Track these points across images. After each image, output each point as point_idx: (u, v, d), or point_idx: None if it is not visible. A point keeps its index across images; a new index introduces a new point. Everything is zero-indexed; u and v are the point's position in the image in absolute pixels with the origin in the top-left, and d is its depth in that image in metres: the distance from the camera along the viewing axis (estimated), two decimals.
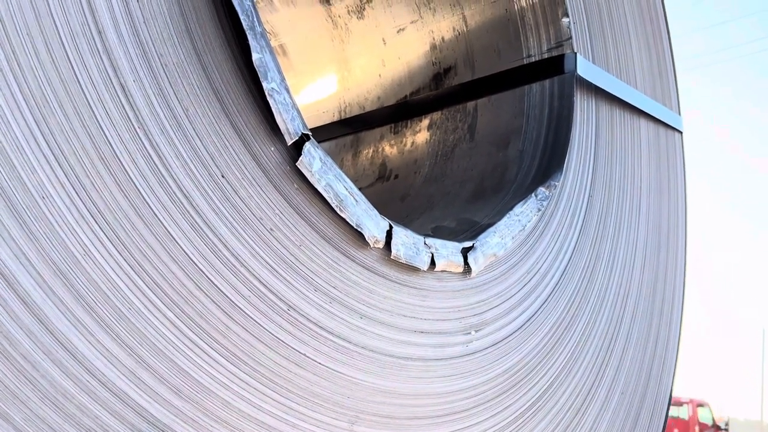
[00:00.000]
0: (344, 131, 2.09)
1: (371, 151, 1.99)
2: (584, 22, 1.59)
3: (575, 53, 1.49)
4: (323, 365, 0.93)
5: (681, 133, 2.00)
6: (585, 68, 1.51)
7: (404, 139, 1.89)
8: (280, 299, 0.89)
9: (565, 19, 1.52)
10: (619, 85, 1.66)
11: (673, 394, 1.75)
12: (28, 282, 0.68)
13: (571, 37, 1.51)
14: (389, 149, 1.93)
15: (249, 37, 0.85)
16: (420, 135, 1.84)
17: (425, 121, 1.83)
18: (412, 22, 1.86)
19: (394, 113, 1.94)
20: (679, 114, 2.01)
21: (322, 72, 2.19)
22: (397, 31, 1.92)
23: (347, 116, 2.14)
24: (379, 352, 1.01)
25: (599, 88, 1.58)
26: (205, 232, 0.82)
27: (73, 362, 0.70)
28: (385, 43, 1.96)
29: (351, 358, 0.97)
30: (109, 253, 0.74)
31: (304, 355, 0.91)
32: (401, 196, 1.78)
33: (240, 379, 0.84)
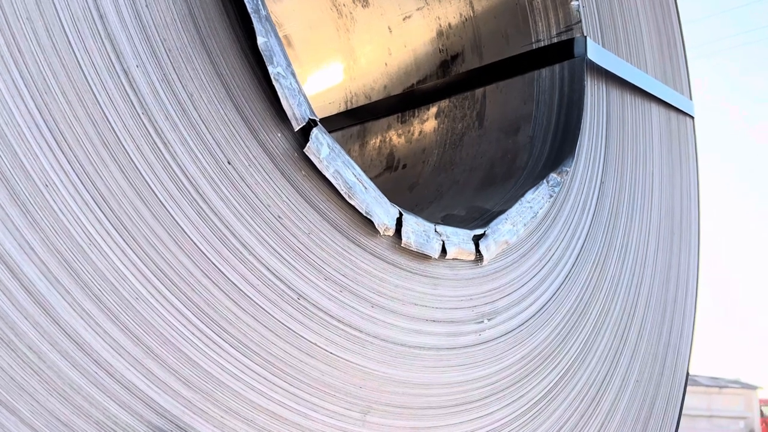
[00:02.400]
0: (351, 122, 2.06)
1: (378, 141, 1.96)
2: (593, 6, 1.56)
3: (585, 37, 1.47)
4: (334, 355, 0.92)
5: (693, 118, 1.97)
6: (595, 52, 1.48)
7: (412, 128, 1.87)
8: (290, 288, 0.87)
9: (574, 3, 1.49)
10: (629, 69, 1.63)
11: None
12: (33, 272, 0.67)
13: (580, 21, 1.48)
14: (397, 139, 1.91)
15: (254, 21, 0.83)
16: (428, 123, 1.82)
17: (433, 110, 1.81)
18: (418, 9, 1.84)
19: (401, 102, 1.92)
20: (691, 99, 1.98)
21: (328, 62, 2.17)
22: (403, 19, 1.89)
23: (353, 106, 2.12)
24: (391, 341, 0.99)
25: (610, 72, 1.55)
26: (212, 220, 0.80)
27: (79, 353, 0.69)
28: (390, 31, 1.94)
29: (362, 347, 0.95)
30: (115, 242, 0.72)
31: (315, 344, 0.90)
32: (410, 186, 1.76)
33: (250, 369, 0.82)
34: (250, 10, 0.83)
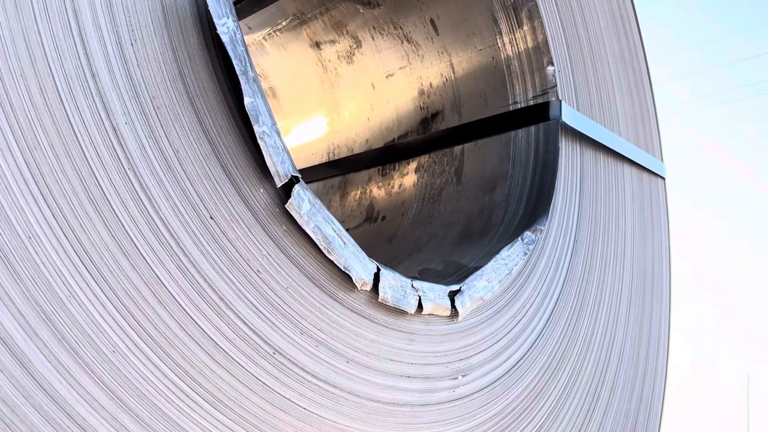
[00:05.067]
0: (333, 172, 2.10)
1: (359, 192, 2.00)
2: (569, 71, 1.63)
3: (560, 101, 1.53)
4: (309, 411, 0.92)
5: (664, 179, 2.03)
6: (569, 115, 1.54)
7: (392, 182, 1.91)
8: (266, 342, 0.88)
9: (550, 68, 1.56)
10: (603, 131, 1.69)
11: None
12: (11, 324, 0.67)
13: (556, 85, 1.55)
14: (377, 191, 1.94)
15: (242, 82, 0.86)
16: (407, 177, 1.86)
17: (413, 164, 1.85)
18: (400, 68, 1.90)
19: (382, 156, 1.96)
20: (662, 160, 2.05)
21: (312, 114, 2.22)
22: (386, 77, 1.95)
23: (336, 158, 2.16)
24: (366, 398, 1.00)
25: (584, 134, 1.61)
26: (191, 274, 0.82)
27: (53, 406, 0.69)
28: (374, 88, 2.00)
29: (337, 403, 0.96)
30: (95, 295, 0.73)
31: (290, 400, 0.90)
32: (388, 238, 1.79)
33: (224, 425, 0.82)
34: (238, 72, 0.86)
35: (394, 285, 1.05)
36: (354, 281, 0.97)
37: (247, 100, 0.86)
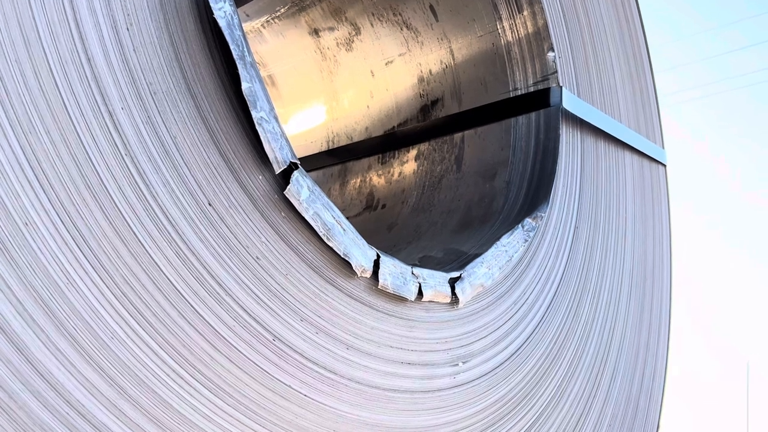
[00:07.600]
0: (332, 161, 2.09)
1: (359, 180, 1.99)
2: (569, 57, 1.62)
3: (560, 87, 1.52)
4: (308, 397, 0.92)
5: (665, 166, 2.03)
6: (570, 102, 1.53)
7: (392, 170, 1.90)
8: (266, 329, 0.88)
9: (550, 54, 1.54)
10: (603, 118, 1.68)
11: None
12: (8, 310, 0.67)
13: (556, 71, 1.53)
14: (377, 179, 1.93)
15: (239, 67, 0.85)
16: (407, 165, 1.85)
17: (413, 152, 1.85)
18: (400, 55, 1.89)
19: (382, 144, 1.95)
20: (663, 147, 2.04)
21: (311, 102, 2.21)
22: (386, 64, 1.94)
23: (335, 146, 2.15)
24: (366, 384, 1.00)
25: (584, 121, 1.60)
26: (190, 261, 0.81)
27: (51, 393, 0.69)
28: (373, 75, 1.98)
29: (337, 389, 0.96)
30: (93, 281, 0.73)
31: (289, 386, 0.90)
32: (388, 226, 1.78)
33: (224, 411, 0.82)
34: (235, 56, 0.85)
35: (394, 272, 1.04)
36: (354, 268, 0.97)
37: (244, 85, 0.85)
